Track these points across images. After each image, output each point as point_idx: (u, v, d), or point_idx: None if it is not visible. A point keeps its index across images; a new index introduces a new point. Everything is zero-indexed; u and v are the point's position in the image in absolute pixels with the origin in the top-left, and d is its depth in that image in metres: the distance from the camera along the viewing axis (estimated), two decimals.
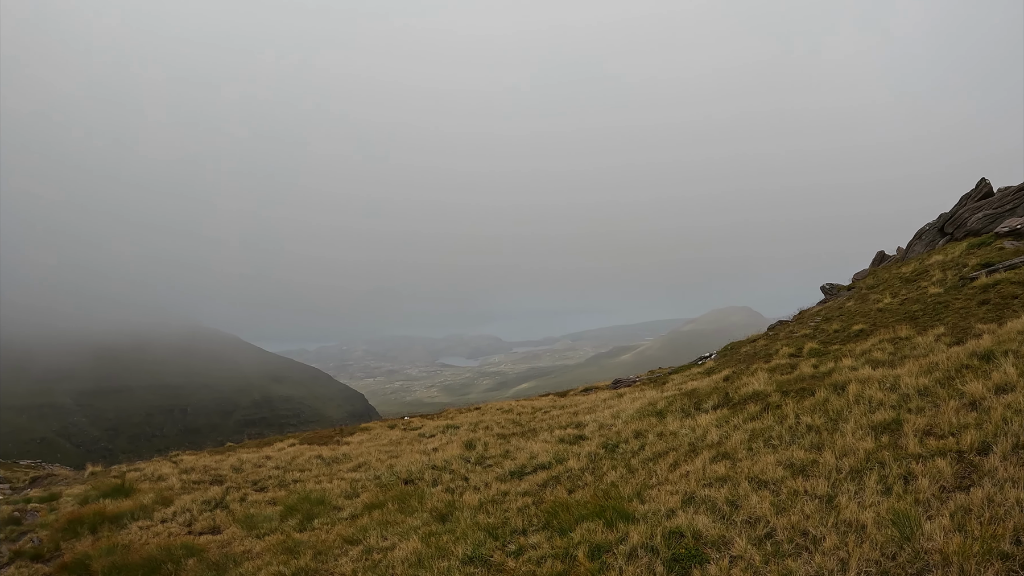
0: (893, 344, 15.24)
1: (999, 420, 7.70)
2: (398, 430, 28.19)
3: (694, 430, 12.75)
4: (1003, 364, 9.74)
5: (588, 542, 7.66)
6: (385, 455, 20.77)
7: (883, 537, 6.01)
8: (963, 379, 9.81)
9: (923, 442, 7.89)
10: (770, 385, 14.56)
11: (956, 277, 20.51)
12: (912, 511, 6.22)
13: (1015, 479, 6.36)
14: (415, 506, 12.36)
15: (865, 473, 7.57)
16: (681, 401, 16.34)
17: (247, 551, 11.83)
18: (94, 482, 21.01)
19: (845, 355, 15.58)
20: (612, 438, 14.60)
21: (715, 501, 8.08)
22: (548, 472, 13.15)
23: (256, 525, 13.52)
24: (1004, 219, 26.85)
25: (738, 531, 7.05)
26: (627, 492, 9.60)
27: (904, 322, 17.51)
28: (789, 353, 19.71)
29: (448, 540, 9.24)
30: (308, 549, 10.84)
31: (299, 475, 19.41)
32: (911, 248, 32.69)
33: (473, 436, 21.00)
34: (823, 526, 6.58)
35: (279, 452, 24.54)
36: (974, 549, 5.35)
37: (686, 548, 6.91)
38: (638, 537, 7.37)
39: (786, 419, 11.09)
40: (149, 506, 16.35)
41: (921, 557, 5.61)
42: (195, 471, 21.79)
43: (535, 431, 20.03)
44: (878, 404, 10.10)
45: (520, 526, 9.28)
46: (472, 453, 17.48)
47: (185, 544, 12.31)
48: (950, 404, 8.90)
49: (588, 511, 8.61)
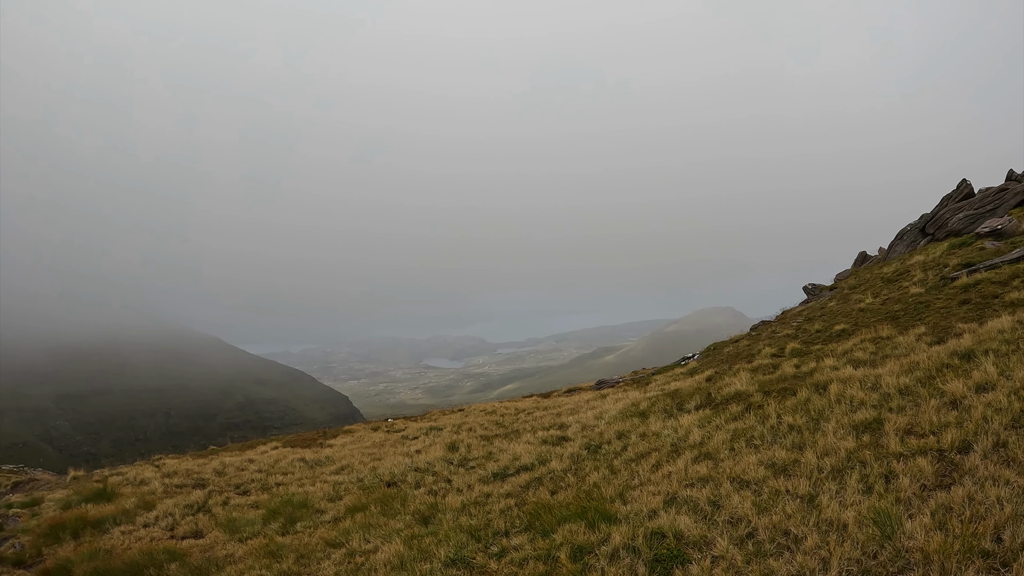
0: (875, 344, 15.30)
1: (979, 419, 7.72)
2: (381, 432, 28.11)
3: (676, 431, 12.74)
4: (983, 363, 9.77)
5: (570, 543, 7.63)
6: (368, 457, 20.70)
7: (864, 536, 6.01)
8: (944, 378, 9.85)
9: (904, 441, 7.90)
10: (752, 385, 14.58)
11: (937, 277, 20.62)
12: (893, 510, 6.23)
13: (995, 477, 6.38)
14: (398, 508, 12.30)
15: (846, 472, 7.58)
16: (664, 402, 16.34)
17: (229, 555, 11.75)
18: (76, 487, 20.83)
19: (827, 355, 15.62)
20: (595, 439, 14.60)
21: (697, 501, 8.07)
22: (531, 473, 13.13)
23: (238, 529, 13.43)
24: (985, 220, 27.03)
25: (720, 531, 7.04)
26: (609, 493, 9.58)
27: (885, 322, 17.57)
28: (771, 353, 19.76)
29: (430, 542, 9.19)
30: (290, 553, 10.77)
31: (282, 478, 19.31)
32: (893, 249, 32.87)
33: (456, 438, 20.97)
34: (804, 525, 6.58)
35: (262, 455, 24.41)
36: (955, 547, 5.36)
37: (668, 549, 6.90)
38: (620, 538, 7.35)
39: (768, 419, 11.10)
40: (131, 510, 16.23)
41: (902, 555, 5.61)
42: (178, 475, 21.65)
43: (518, 432, 20.02)
44: (859, 404, 10.12)
45: (503, 528, 9.25)
46: (455, 455, 17.44)
47: (167, 549, 12.19)
48: (931, 403, 8.93)
49: (570, 512, 8.59)
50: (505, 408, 28.99)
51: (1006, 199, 28.16)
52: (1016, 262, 18.03)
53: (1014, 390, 8.30)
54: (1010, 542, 5.33)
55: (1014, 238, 22.40)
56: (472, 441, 19.67)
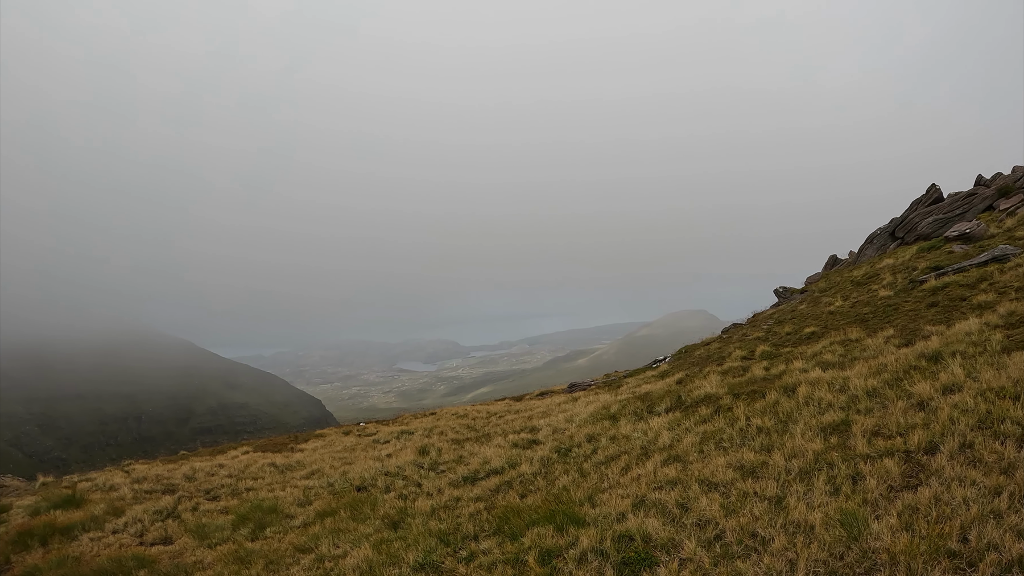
0: (844, 346, 15.40)
1: (946, 420, 7.77)
2: (353, 436, 27.93)
3: (646, 433, 12.75)
4: (951, 365, 9.86)
5: (539, 547, 7.58)
6: (339, 462, 20.55)
7: (831, 537, 6.00)
8: (911, 380, 9.91)
9: (871, 442, 7.92)
10: (722, 388, 14.63)
11: (906, 280, 20.81)
12: (860, 511, 6.23)
13: (962, 478, 6.41)
14: (367, 513, 12.21)
15: (814, 474, 7.59)
16: (634, 404, 16.36)
17: (198, 561, 11.59)
18: (44, 493, 20.51)
19: (796, 357, 15.71)
20: (565, 442, 14.57)
21: (665, 504, 8.04)
22: (501, 477, 13.07)
23: (208, 535, 13.27)
24: (953, 223, 27.36)
25: (688, 533, 7.01)
26: (578, 496, 9.55)
27: (855, 324, 17.71)
28: (741, 356, 19.85)
29: (400, 547, 9.11)
30: (260, 558, 10.65)
31: (252, 483, 19.11)
32: (863, 252, 33.18)
33: (427, 441, 20.87)
34: (772, 527, 6.57)
35: (232, 460, 24.15)
36: (921, 548, 5.36)
37: (636, 551, 6.86)
38: (588, 541, 7.30)
39: (737, 421, 11.12)
40: (100, 517, 15.99)
41: (869, 556, 5.61)
42: (147, 480, 21.36)
43: (489, 436, 19.95)
44: (827, 406, 10.16)
45: (472, 532, 9.19)
46: (426, 459, 17.35)
47: (136, 555, 12.02)
48: (898, 405, 8.97)
49: (539, 516, 8.54)
50: (477, 411, 28.91)
51: (974, 203, 28.54)
52: (984, 265, 18.25)
53: (980, 391, 8.37)
54: (976, 542, 5.34)
55: (982, 242, 22.67)
56: (443, 445, 19.58)
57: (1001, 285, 15.91)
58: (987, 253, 18.92)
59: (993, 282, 16.42)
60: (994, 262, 18.19)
